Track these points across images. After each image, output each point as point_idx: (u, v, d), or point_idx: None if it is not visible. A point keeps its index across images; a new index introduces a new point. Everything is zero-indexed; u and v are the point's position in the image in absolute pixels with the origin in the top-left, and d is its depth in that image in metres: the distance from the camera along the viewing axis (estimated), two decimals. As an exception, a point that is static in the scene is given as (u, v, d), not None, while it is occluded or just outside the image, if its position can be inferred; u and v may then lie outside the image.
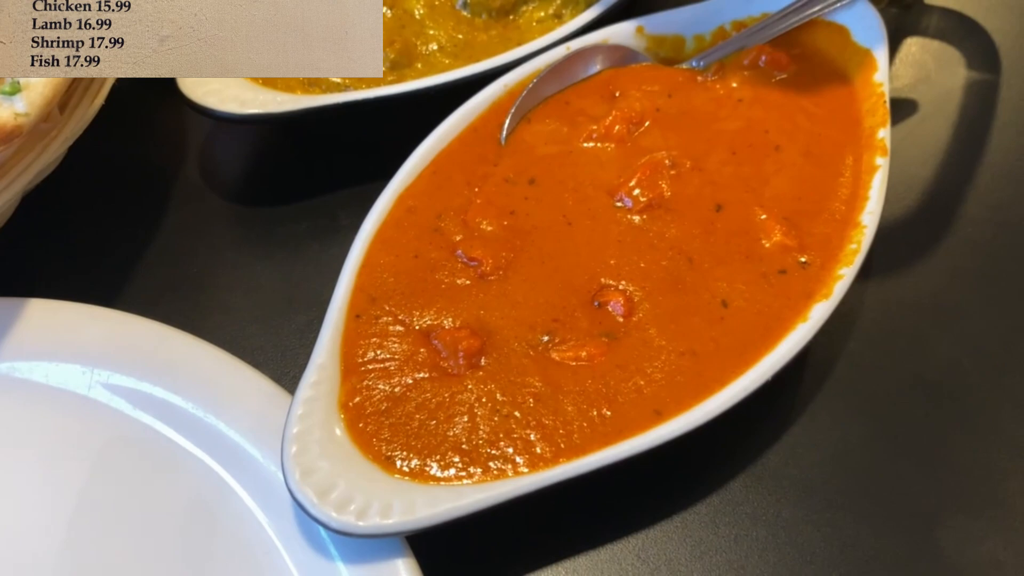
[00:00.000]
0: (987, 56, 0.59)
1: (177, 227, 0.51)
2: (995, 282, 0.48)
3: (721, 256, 0.42)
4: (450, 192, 0.45)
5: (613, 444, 0.36)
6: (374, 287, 0.42)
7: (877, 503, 0.40)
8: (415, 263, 0.43)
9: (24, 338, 0.41)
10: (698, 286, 0.41)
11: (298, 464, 0.35)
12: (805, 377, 0.44)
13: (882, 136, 0.46)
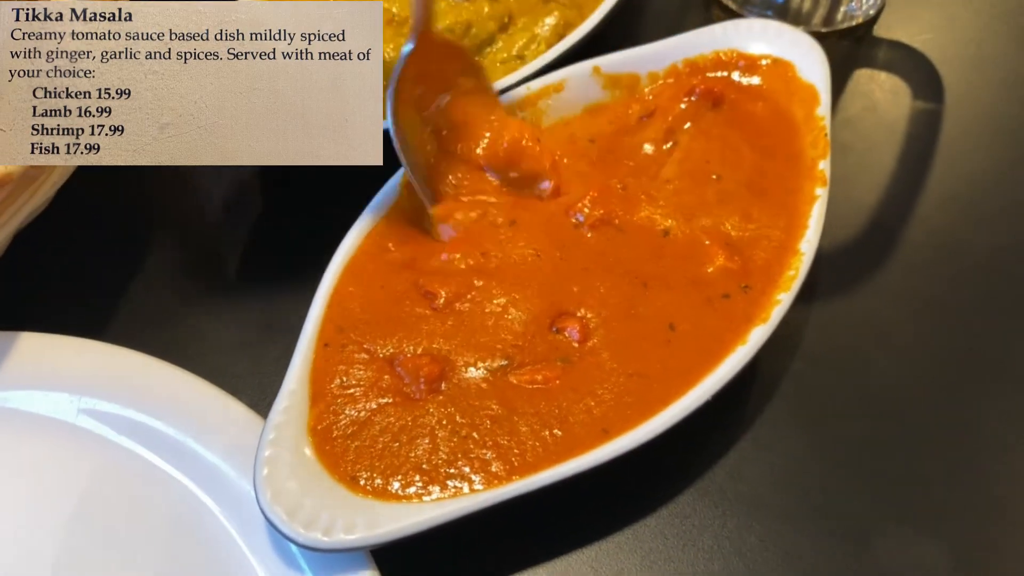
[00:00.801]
0: (932, 87, 0.62)
1: (159, 264, 0.53)
2: (933, 303, 0.51)
3: (669, 281, 0.45)
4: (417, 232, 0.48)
5: (563, 462, 0.39)
6: (342, 318, 0.44)
7: (817, 513, 0.43)
8: (381, 294, 0.45)
9: (15, 369, 0.44)
10: (649, 311, 0.44)
11: (269, 485, 0.38)
12: (752, 395, 0.47)
13: (822, 168, 0.49)
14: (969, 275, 0.52)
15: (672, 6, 0.68)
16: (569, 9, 0.59)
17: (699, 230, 0.47)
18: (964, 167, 0.57)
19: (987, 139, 0.59)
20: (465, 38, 0.56)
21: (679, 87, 0.53)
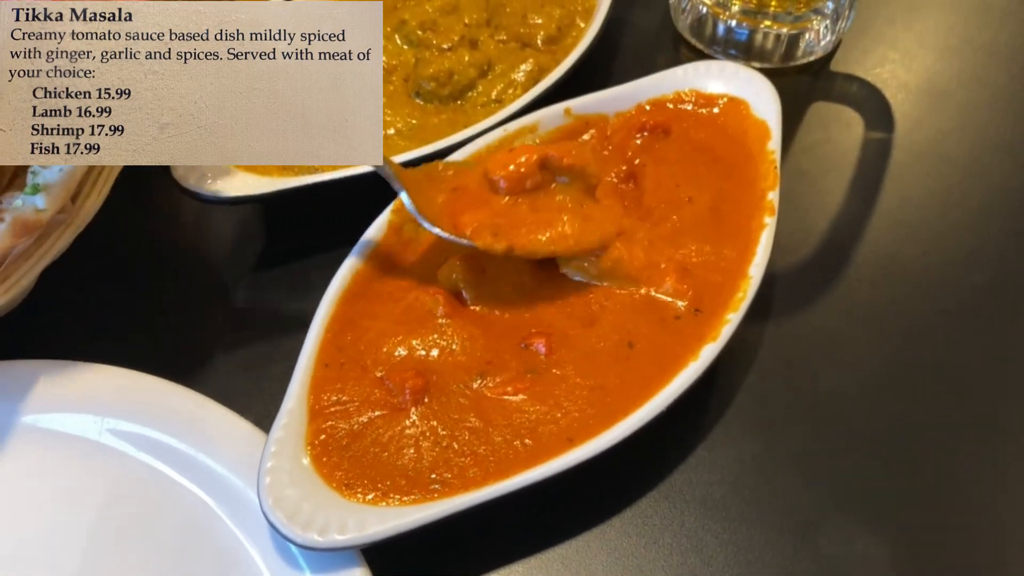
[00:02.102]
0: (883, 117, 0.67)
1: (172, 293, 0.58)
2: (878, 319, 0.55)
3: (627, 302, 0.50)
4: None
5: (532, 468, 0.43)
6: (339, 338, 0.49)
7: (767, 512, 0.47)
8: (375, 317, 0.50)
9: (45, 394, 0.49)
10: (608, 329, 0.49)
11: (271, 492, 0.42)
12: (710, 407, 0.51)
13: (771, 198, 0.53)
14: (911, 291, 0.56)
15: (643, 46, 0.73)
16: (544, 55, 0.64)
17: (657, 254, 0.52)
18: (911, 192, 0.62)
19: (934, 166, 0.63)
20: (448, 84, 0.61)
21: (633, 125, 0.58)
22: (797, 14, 0.68)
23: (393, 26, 0.65)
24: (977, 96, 0.68)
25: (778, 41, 0.69)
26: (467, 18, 0.65)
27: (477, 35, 0.65)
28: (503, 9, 0.67)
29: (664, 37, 0.73)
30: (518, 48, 0.65)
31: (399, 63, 0.63)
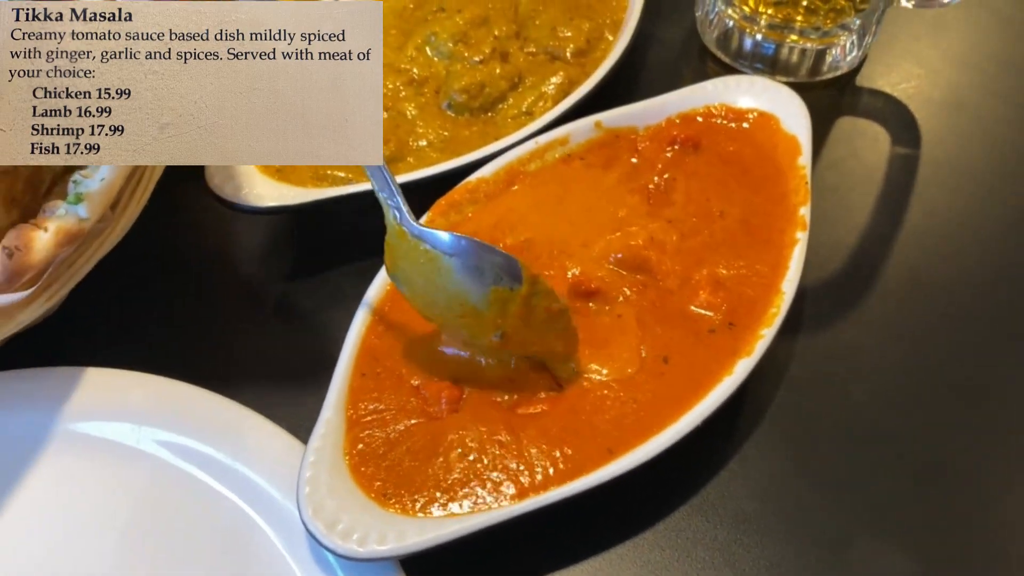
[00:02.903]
0: (909, 133, 0.67)
1: (202, 302, 0.59)
2: (908, 334, 0.55)
3: (661, 315, 0.50)
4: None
5: (568, 482, 0.44)
6: (376, 348, 0.50)
7: (798, 528, 0.47)
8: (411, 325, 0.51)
9: (83, 401, 0.49)
10: (648, 344, 0.49)
11: (310, 502, 0.43)
12: (741, 421, 0.51)
13: (803, 213, 0.54)
14: (941, 307, 0.56)
15: (670, 60, 0.73)
16: (573, 68, 0.65)
17: (692, 266, 0.52)
18: (937, 207, 0.62)
19: (959, 181, 0.64)
20: (479, 97, 0.62)
21: (663, 138, 0.59)
22: (825, 29, 0.68)
23: (424, 38, 0.65)
24: (1002, 112, 0.68)
25: (804, 56, 0.70)
26: (497, 30, 0.66)
27: (507, 47, 0.65)
28: (532, 22, 0.67)
29: (691, 51, 0.74)
30: (548, 61, 0.65)
31: (430, 75, 0.64)
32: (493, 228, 0.55)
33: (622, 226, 0.54)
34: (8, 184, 0.50)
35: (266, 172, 0.58)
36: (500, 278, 0.45)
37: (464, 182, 0.57)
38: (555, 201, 0.56)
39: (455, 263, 0.45)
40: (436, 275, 0.46)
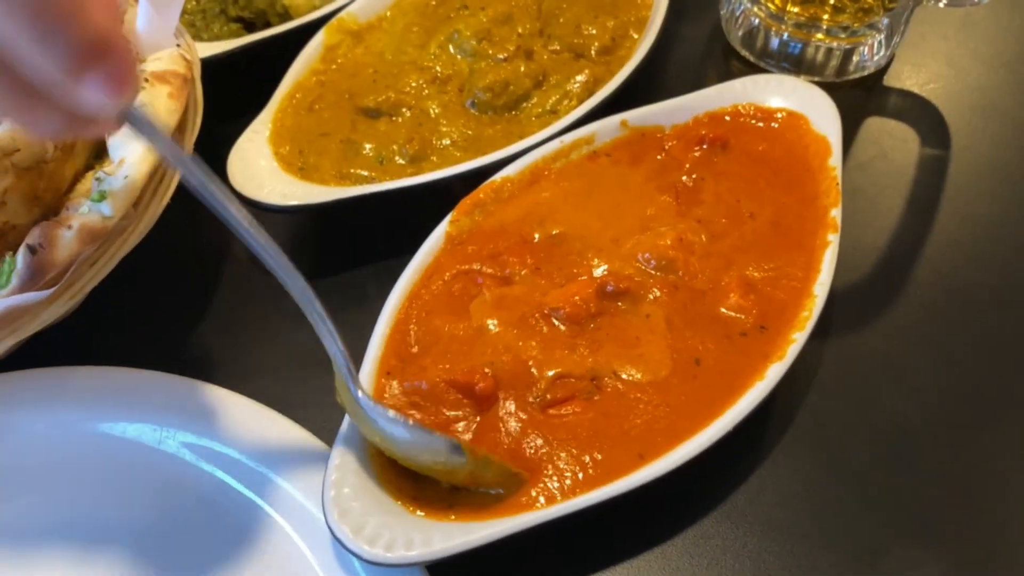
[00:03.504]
0: (939, 134, 0.66)
1: (224, 301, 0.58)
2: (939, 340, 0.54)
3: (692, 317, 0.49)
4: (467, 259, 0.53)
5: (598, 487, 0.43)
6: (400, 350, 0.49)
7: (829, 535, 0.46)
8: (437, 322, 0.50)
9: (105, 401, 0.49)
10: (679, 347, 0.48)
11: (336, 505, 0.42)
12: (769, 425, 0.51)
13: (834, 215, 0.53)
14: (972, 312, 0.55)
15: (694, 59, 0.73)
16: (598, 66, 0.64)
17: (722, 268, 0.51)
18: (969, 210, 0.61)
19: (991, 183, 0.62)
20: (503, 95, 0.61)
21: (691, 137, 0.58)
22: (853, 29, 0.67)
23: (447, 36, 0.65)
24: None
25: (831, 55, 0.69)
26: (520, 28, 0.65)
27: (531, 45, 0.65)
28: (556, 20, 0.67)
29: (715, 49, 0.73)
30: (572, 59, 0.65)
31: (453, 73, 0.63)
32: (521, 222, 0.54)
33: (651, 225, 0.53)
34: (31, 182, 0.50)
35: (289, 170, 0.57)
36: (446, 457, 0.43)
37: (489, 181, 0.56)
38: (584, 197, 0.55)
39: (399, 442, 0.43)
40: (382, 440, 0.44)
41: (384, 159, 0.59)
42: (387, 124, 0.61)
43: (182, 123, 0.53)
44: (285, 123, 0.60)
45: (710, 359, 0.48)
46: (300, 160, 0.59)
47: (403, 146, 0.59)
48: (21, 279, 0.45)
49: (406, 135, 0.60)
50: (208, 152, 0.56)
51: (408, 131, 0.60)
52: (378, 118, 0.62)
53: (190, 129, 0.55)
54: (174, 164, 0.36)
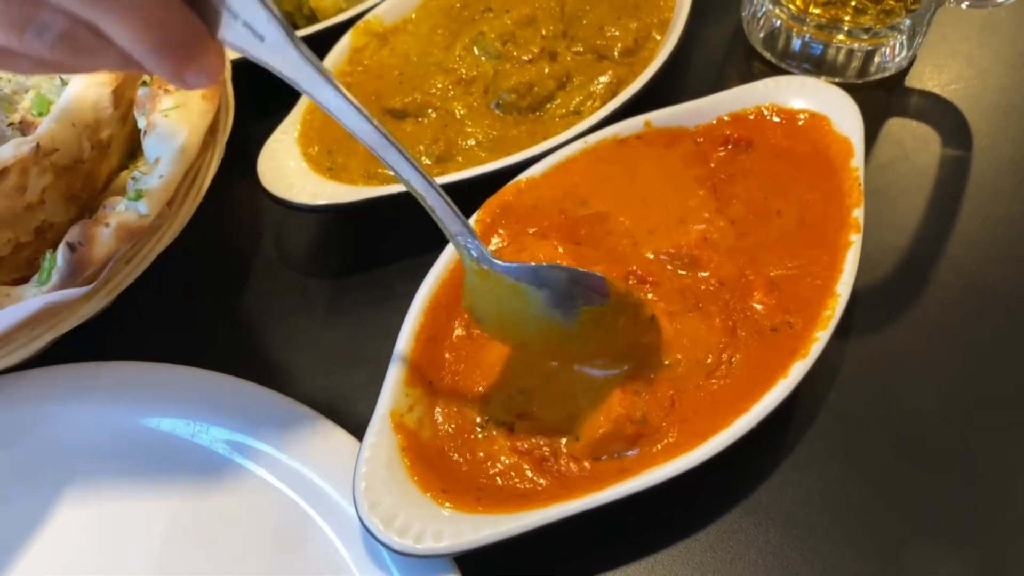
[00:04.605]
0: (960, 135, 0.66)
1: (254, 298, 0.59)
2: (960, 339, 0.55)
3: (721, 313, 0.50)
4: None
5: (625, 480, 0.44)
6: (428, 348, 0.50)
7: (851, 531, 0.47)
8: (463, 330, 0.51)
9: (141, 395, 0.50)
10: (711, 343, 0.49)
11: (367, 498, 0.43)
12: (792, 422, 0.51)
13: (856, 215, 0.53)
14: (994, 312, 0.56)
15: (715, 60, 0.73)
16: (621, 67, 0.64)
17: (747, 264, 0.52)
18: (990, 210, 0.61)
19: (1012, 184, 0.63)
20: (528, 96, 0.62)
21: (716, 137, 0.59)
22: (875, 30, 0.67)
23: (472, 38, 0.66)
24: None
25: (852, 56, 0.69)
26: (544, 30, 0.66)
27: (555, 47, 0.65)
28: (579, 21, 0.67)
29: (736, 50, 0.74)
30: (595, 60, 0.65)
31: (478, 75, 0.64)
32: (562, 200, 0.55)
33: (690, 216, 0.54)
34: (68, 181, 0.51)
35: (317, 170, 0.58)
36: (589, 298, 0.45)
37: (514, 181, 0.57)
38: (627, 177, 0.56)
39: (544, 294, 0.45)
40: (524, 307, 0.45)
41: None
42: (413, 125, 0.62)
43: (214, 124, 0.54)
44: (313, 124, 0.62)
45: (741, 355, 0.48)
46: (328, 160, 0.60)
47: (429, 146, 0.60)
48: (61, 275, 0.46)
49: (432, 136, 0.61)
50: (236, 151, 0.58)
51: (434, 132, 0.61)
52: (404, 119, 0.63)
53: (222, 130, 0.56)
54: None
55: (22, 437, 0.49)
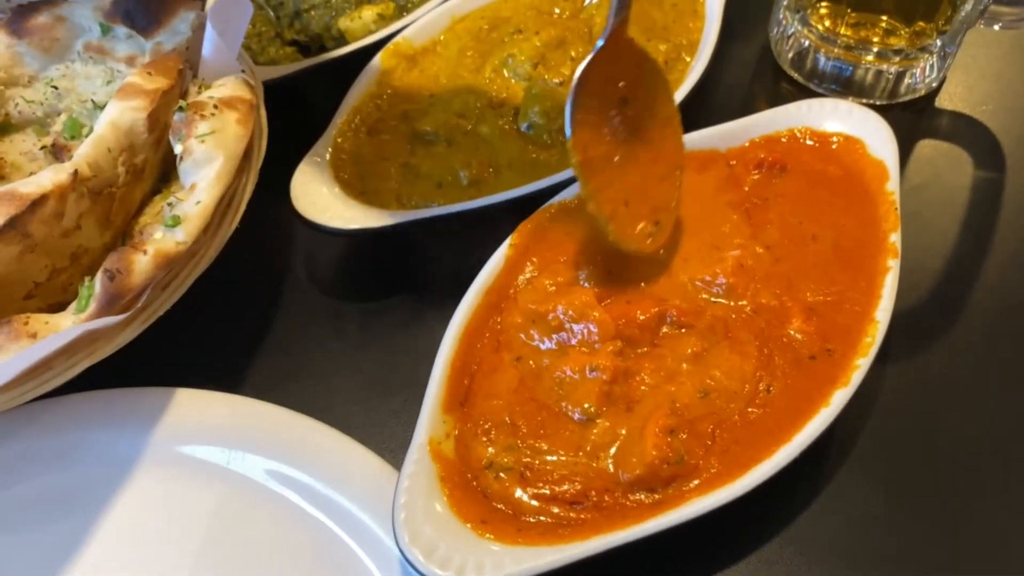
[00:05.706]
0: (993, 156, 0.66)
1: (288, 322, 0.59)
2: (1000, 363, 0.54)
3: (759, 341, 0.49)
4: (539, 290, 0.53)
5: (664, 513, 0.43)
6: (463, 374, 0.50)
7: (892, 562, 0.46)
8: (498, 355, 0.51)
9: (178, 422, 0.50)
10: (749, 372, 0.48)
11: (407, 528, 0.43)
12: (832, 451, 0.51)
13: (893, 240, 0.53)
14: (1034, 337, 0.55)
15: (744, 80, 0.73)
16: (652, 90, 0.64)
17: (784, 291, 0.51)
18: (1026, 233, 0.61)
19: (1047, 206, 0.62)
20: (559, 119, 0.62)
21: (749, 160, 0.58)
22: (907, 51, 0.67)
23: (501, 60, 0.65)
24: (1088, 135, 0.67)
25: (881, 77, 0.69)
26: (573, 52, 0.66)
27: (585, 69, 0.65)
28: (608, 43, 0.67)
29: (764, 70, 0.73)
30: (627, 81, 0.65)
31: (508, 97, 0.64)
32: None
33: (724, 242, 0.54)
34: (104, 206, 0.51)
35: (351, 194, 0.58)
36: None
37: (546, 205, 0.56)
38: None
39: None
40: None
41: (443, 183, 0.60)
42: (444, 148, 0.62)
43: (249, 148, 0.54)
44: (345, 147, 0.61)
45: (780, 384, 0.48)
46: (361, 184, 0.60)
47: (461, 170, 0.60)
48: (99, 304, 0.46)
49: (463, 159, 0.60)
50: (268, 173, 0.58)
51: (465, 155, 0.61)
52: (435, 142, 0.63)
53: (256, 154, 0.56)
54: None
55: (59, 463, 0.49)
